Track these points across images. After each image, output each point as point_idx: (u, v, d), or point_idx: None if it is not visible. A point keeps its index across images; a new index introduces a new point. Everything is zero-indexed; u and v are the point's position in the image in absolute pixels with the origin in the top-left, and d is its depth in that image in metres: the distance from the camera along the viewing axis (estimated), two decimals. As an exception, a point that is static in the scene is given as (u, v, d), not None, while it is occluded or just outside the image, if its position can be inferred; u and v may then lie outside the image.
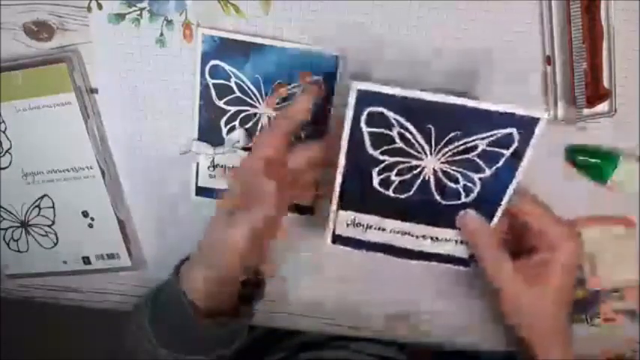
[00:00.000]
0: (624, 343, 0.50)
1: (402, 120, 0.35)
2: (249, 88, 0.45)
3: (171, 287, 0.43)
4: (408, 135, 0.35)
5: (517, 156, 0.35)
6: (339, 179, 0.39)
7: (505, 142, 0.35)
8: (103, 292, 0.55)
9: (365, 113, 0.35)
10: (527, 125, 0.34)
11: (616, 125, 0.44)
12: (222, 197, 0.43)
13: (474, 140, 0.35)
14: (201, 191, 0.49)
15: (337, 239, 0.43)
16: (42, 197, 0.51)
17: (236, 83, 0.45)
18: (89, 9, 0.44)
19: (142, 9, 0.44)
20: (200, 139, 0.47)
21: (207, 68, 0.45)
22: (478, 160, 0.36)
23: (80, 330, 0.55)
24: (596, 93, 0.42)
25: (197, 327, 0.41)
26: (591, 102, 0.42)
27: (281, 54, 0.44)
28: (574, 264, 0.41)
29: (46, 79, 0.46)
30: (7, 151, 0.49)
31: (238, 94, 0.45)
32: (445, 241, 0.41)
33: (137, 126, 0.48)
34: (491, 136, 0.35)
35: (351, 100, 0.34)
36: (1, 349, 0.50)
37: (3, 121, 0.48)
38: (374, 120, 0.35)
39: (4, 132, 0.49)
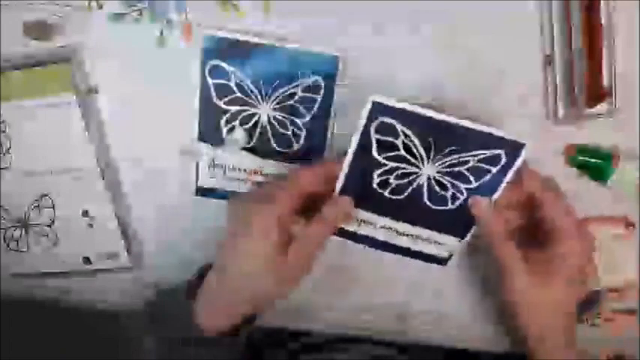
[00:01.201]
0: (624, 343, 0.50)
1: (408, 132, 0.39)
2: (249, 88, 0.45)
3: (180, 307, 0.43)
4: (411, 145, 0.40)
5: (502, 173, 0.40)
6: (343, 175, 0.41)
7: (494, 160, 0.39)
8: (103, 292, 0.55)
9: (376, 122, 0.39)
10: (513, 148, 0.39)
11: (616, 125, 0.44)
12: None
13: (467, 156, 0.40)
14: (201, 191, 0.49)
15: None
16: (42, 197, 0.51)
17: (236, 83, 0.45)
18: (89, 9, 0.44)
19: (142, 9, 0.44)
20: (200, 139, 0.47)
21: (207, 68, 0.45)
22: (467, 174, 0.40)
23: (80, 330, 0.55)
24: (596, 93, 0.42)
25: (199, 347, 0.42)
26: (591, 102, 0.42)
27: (281, 54, 0.44)
28: (582, 262, 0.41)
29: (46, 79, 0.46)
30: (7, 151, 0.49)
31: (238, 94, 0.45)
32: (429, 241, 0.45)
33: (137, 126, 0.48)
34: (483, 154, 0.39)
35: (365, 109, 0.38)
36: (1, 349, 0.50)
37: (3, 121, 0.48)
38: (383, 129, 0.39)
39: (4, 132, 0.49)
